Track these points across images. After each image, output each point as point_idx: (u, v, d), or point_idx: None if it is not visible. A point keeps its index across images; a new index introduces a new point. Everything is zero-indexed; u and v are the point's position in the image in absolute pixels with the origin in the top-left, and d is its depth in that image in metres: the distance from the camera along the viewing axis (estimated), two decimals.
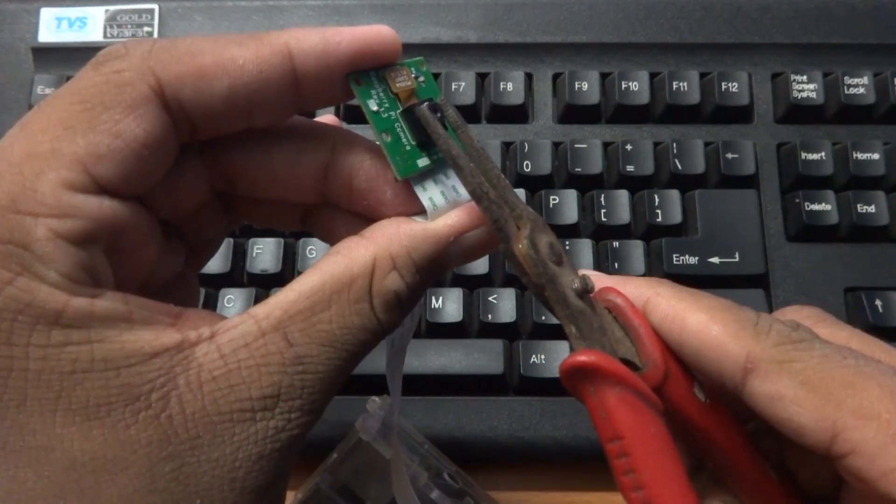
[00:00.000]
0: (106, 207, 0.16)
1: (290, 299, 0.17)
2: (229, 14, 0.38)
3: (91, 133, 0.16)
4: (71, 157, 0.16)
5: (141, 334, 0.16)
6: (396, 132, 0.19)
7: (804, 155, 0.35)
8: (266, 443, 0.16)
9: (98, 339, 0.15)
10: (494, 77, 0.37)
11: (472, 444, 0.32)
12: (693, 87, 0.36)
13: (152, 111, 0.16)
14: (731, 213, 0.35)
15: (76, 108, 0.16)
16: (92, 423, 0.15)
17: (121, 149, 0.16)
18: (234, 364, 0.16)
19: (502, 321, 0.33)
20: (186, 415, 0.16)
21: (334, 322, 0.17)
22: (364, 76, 0.18)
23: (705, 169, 0.35)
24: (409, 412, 0.32)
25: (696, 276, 0.34)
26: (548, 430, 0.32)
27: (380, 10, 0.38)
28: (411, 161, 0.19)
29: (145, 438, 0.15)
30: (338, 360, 0.17)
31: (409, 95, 0.19)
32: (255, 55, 0.17)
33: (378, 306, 0.18)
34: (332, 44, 0.18)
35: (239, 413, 0.16)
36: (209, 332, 0.17)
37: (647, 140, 0.36)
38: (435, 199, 0.19)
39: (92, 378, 0.15)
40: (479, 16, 0.38)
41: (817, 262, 0.34)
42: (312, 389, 0.17)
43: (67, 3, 0.39)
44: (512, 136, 0.37)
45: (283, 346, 0.17)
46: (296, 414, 0.17)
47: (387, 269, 0.18)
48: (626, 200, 0.35)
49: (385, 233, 0.18)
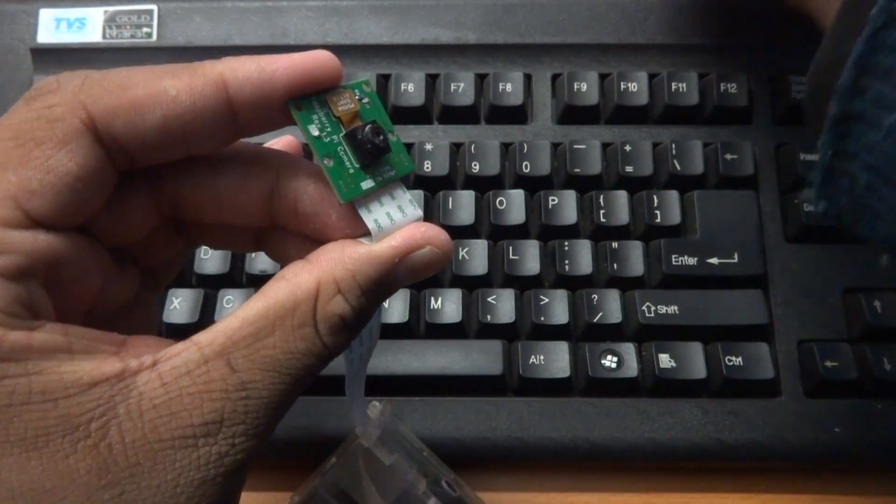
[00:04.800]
0: (41, 241, 0.17)
1: (233, 326, 0.17)
2: (228, 14, 0.38)
3: (23, 169, 0.16)
4: (3, 194, 0.16)
5: (81, 364, 0.16)
6: (339, 156, 0.19)
7: (803, 156, 0.35)
8: (209, 468, 0.17)
9: (36, 371, 0.16)
10: (493, 78, 0.37)
11: (471, 444, 0.32)
12: (692, 88, 0.36)
13: (84, 145, 0.17)
14: (730, 213, 0.35)
15: (8, 145, 0.16)
16: (30, 454, 0.15)
17: (53, 183, 0.16)
18: (176, 392, 0.16)
19: (501, 322, 0.33)
20: (126, 443, 0.16)
21: (278, 347, 0.17)
22: (305, 101, 0.18)
23: (704, 170, 0.35)
24: (408, 413, 0.32)
25: (695, 277, 0.34)
26: (547, 431, 0.32)
27: (379, 10, 0.38)
28: (355, 184, 0.19)
29: (84, 467, 0.16)
30: (282, 384, 0.18)
31: (352, 118, 0.19)
32: (189, 86, 0.17)
33: (323, 330, 0.18)
34: (267, 72, 0.18)
35: (180, 440, 0.16)
36: (151, 360, 0.17)
37: (646, 141, 0.36)
38: (380, 220, 0.19)
39: (30, 410, 0.15)
40: (478, 16, 0.38)
41: (816, 262, 0.34)
42: (257, 414, 0.17)
43: (66, 4, 0.39)
44: (511, 136, 0.37)
45: (226, 372, 0.17)
46: (240, 439, 0.17)
47: (331, 293, 0.18)
48: (625, 201, 0.35)
49: (329, 256, 0.19)
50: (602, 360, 0.33)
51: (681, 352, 0.32)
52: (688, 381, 0.32)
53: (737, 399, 0.32)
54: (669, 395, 0.32)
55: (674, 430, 0.32)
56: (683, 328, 0.33)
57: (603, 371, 0.32)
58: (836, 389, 0.32)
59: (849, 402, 0.32)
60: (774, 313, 0.33)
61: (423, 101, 0.37)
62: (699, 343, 0.33)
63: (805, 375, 0.33)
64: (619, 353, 0.33)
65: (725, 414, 0.32)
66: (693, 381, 0.32)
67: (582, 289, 0.34)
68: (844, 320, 0.33)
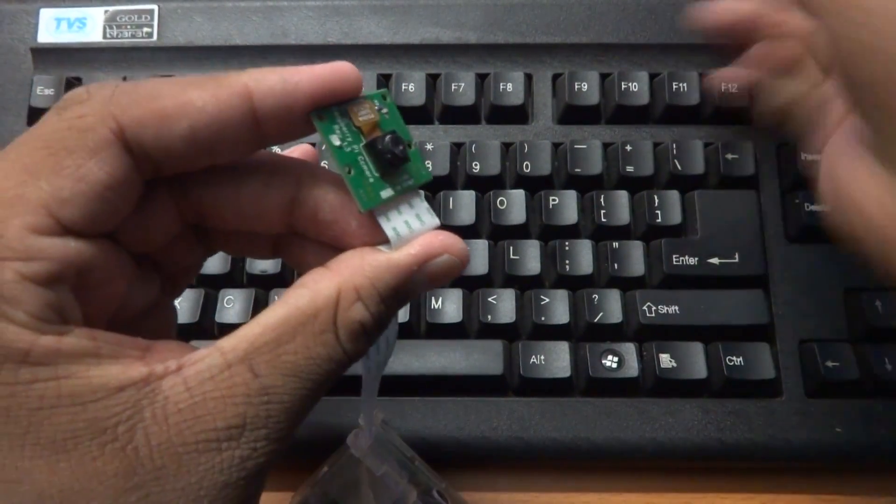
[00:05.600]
0: (71, 248, 0.17)
1: (255, 332, 0.18)
2: (229, 14, 0.38)
3: (55, 178, 0.17)
4: (36, 202, 0.16)
5: (108, 369, 0.17)
6: (360, 165, 0.19)
7: (804, 156, 0.35)
8: (232, 471, 0.17)
9: (65, 375, 0.16)
10: (494, 78, 0.37)
11: (471, 444, 0.32)
12: (692, 87, 0.36)
13: (114, 154, 0.17)
14: (731, 213, 0.35)
15: (40, 154, 0.17)
16: (59, 457, 0.16)
17: (84, 192, 0.17)
18: (200, 396, 0.17)
19: (502, 322, 0.33)
20: (152, 446, 0.16)
21: (299, 353, 0.18)
22: (326, 112, 0.19)
23: (705, 169, 0.35)
24: (409, 413, 0.32)
25: (696, 277, 0.34)
26: (548, 431, 0.32)
27: (379, 10, 0.38)
28: (374, 193, 0.19)
29: (111, 470, 0.16)
30: (303, 389, 0.18)
31: (372, 128, 0.19)
32: (215, 97, 0.18)
33: (343, 336, 0.18)
34: (290, 84, 0.18)
35: (204, 443, 0.17)
36: (176, 365, 0.17)
37: (646, 141, 0.36)
38: (398, 228, 0.19)
39: (59, 413, 0.16)
40: (478, 16, 0.38)
41: (817, 262, 0.34)
42: (278, 419, 0.18)
43: (67, 4, 0.39)
44: (511, 136, 0.37)
45: (248, 377, 0.17)
46: (262, 443, 0.17)
47: (351, 300, 0.18)
48: (626, 201, 0.35)
49: (349, 264, 0.19)
50: (603, 360, 0.32)
51: (681, 352, 0.32)
52: (689, 381, 0.32)
53: (738, 399, 0.32)
54: (670, 395, 0.32)
55: (675, 431, 0.32)
56: (684, 328, 0.33)
57: (603, 371, 0.32)
58: (838, 389, 0.32)
59: (850, 402, 0.32)
60: (775, 313, 0.33)
61: (424, 101, 0.37)
62: (700, 343, 0.33)
63: (806, 375, 0.33)
64: (619, 353, 0.33)
65: (726, 414, 0.32)
66: (694, 381, 0.32)
67: (582, 289, 0.34)
68: (846, 320, 0.33)
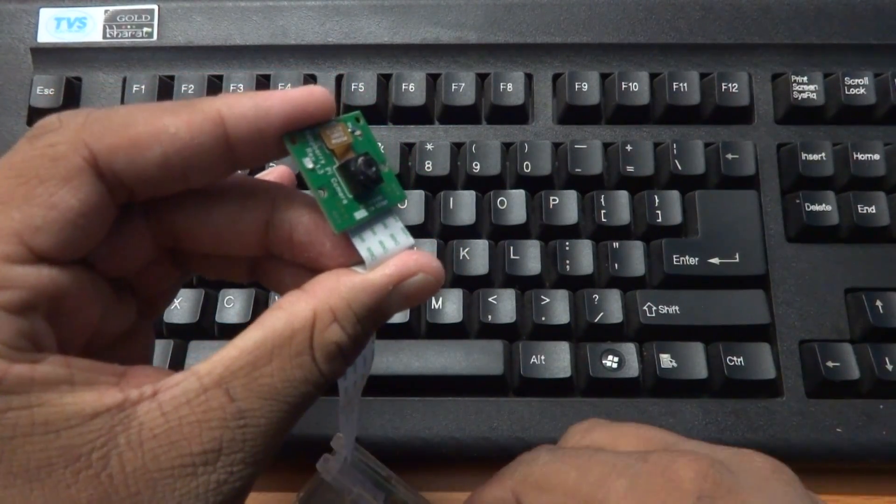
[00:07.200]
0: (44, 276, 0.17)
1: (231, 356, 0.18)
2: (229, 14, 0.38)
3: (26, 206, 0.17)
4: (7, 231, 0.16)
5: (82, 396, 0.16)
6: (333, 187, 0.19)
7: (804, 156, 0.35)
8: (208, 496, 0.17)
9: (38, 403, 0.16)
10: (494, 77, 0.37)
11: (471, 444, 0.32)
12: (693, 87, 0.36)
13: (86, 181, 0.17)
14: (732, 213, 0.35)
15: (12, 183, 0.17)
16: (33, 485, 0.16)
17: (56, 219, 0.17)
18: (176, 421, 0.17)
19: (502, 322, 0.33)
20: (127, 472, 0.16)
21: (276, 376, 0.18)
22: (299, 135, 0.19)
23: (705, 169, 0.35)
24: (409, 413, 0.32)
25: (696, 277, 0.34)
26: (548, 431, 0.32)
27: (379, 10, 0.38)
28: (348, 214, 0.19)
29: (85, 497, 0.16)
30: (280, 412, 0.18)
31: (345, 150, 0.20)
32: (187, 123, 0.18)
33: (320, 358, 0.18)
34: (262, 108, 0.18)
35: (180, 468, 0.17)
36: (151, 391, 0.17)
37: (647, 141, 0.36)
38: (373, 248, 0.19)
39: (32, 441, 0.16)
40: (479, 16, 0.38)
41: (818, 262, 0.34)
42: (255, 442, 0.17)
43: (67, 4, 0.39)
44: (512, 136, 0.37)
45: (224, 401, 0.17)
46: (238, 467, 0.17)
47: (327, 322, 0.18)
48: (626, 201, 0.35)
49: (325, 286, 0.19)
50: (603, 361, 0.32)
51: (682, 352, 0.32)
52: (689, 381, 0.32)
53: (738, 399, 0.32)
54: (670, 395, 0.32)
55: (675, 431, 0.32)
56: (684, 328, 0.33)
57: (604, 371, 0.32)
58: (838, 389, 0.32)
59: (850, 402, 0.32)
60: (776, 313, 0.33)
61: (424, 101, 0.37)
62: (700, 343, 0.33)
63: (807, 375, 0.33)
64: (620, 353, 0.33)
65: (727, 414, 0.32)
66: (694, 381, 0.32)
67: (583, 289, 0.34)
68: (846, 320, 0.33)
